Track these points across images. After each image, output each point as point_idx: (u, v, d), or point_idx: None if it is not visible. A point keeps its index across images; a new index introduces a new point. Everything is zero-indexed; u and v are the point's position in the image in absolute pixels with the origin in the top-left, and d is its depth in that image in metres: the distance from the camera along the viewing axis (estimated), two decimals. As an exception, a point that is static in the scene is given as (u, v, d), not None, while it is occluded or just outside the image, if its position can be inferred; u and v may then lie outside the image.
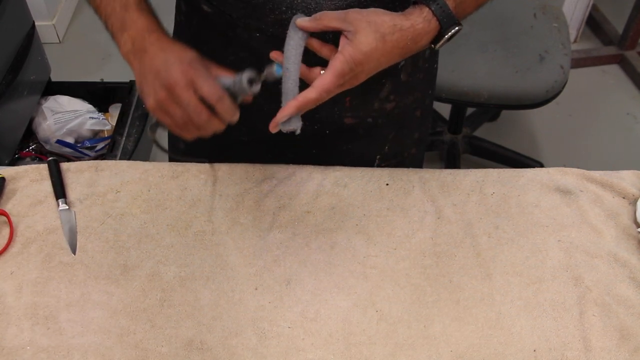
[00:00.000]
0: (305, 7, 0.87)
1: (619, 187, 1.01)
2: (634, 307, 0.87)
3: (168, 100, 0.77)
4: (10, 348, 0.83)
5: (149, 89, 0.79)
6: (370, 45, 0.76)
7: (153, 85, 0.78)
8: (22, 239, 0.95)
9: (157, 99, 0.78)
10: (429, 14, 0.79)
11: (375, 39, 0.76)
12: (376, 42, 0.77)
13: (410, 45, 0.79)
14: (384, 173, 1.04)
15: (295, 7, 0.87)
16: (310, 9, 0.87)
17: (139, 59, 0.80)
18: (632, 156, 2.27)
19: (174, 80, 0.76)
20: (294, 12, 0.87)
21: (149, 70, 0.79)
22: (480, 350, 0.83)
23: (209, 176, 1.03)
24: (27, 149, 2.04)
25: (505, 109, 2.20)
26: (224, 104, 0.77)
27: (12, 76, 1.86)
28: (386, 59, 0.79)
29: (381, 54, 0.78)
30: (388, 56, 0.79)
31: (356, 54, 0.76)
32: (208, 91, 0.76)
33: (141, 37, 0.81)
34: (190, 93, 0.76)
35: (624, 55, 2.59)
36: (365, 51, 0.77)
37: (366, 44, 0.76)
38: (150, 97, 0.79)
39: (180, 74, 0.76)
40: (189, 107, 0.77)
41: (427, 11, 0.79)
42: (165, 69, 0.78)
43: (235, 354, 0.83)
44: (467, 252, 0.94)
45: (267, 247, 0.94)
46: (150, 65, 0.79)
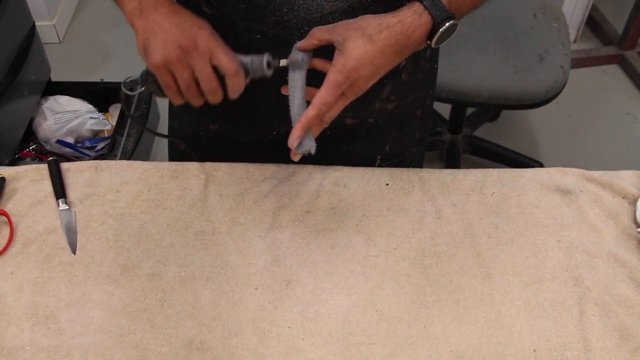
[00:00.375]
0: (307, 8, 0.87)
1: (619, 187, 1.01)
2: (634, 307, 0.87)
3: (179, 60, 0.76)
4: (10, 348, 0.83)
5: (157, 45, 0.76)
6: (359, 49, 0.77)
7: (164, 42, 0.76)
8: (22, 239, 0.95)
9: (167, 56, 0.76)
10: (420, 7, 0.78)
11: (363, 42, 0.76)
12: (365, 45, 0.77)
13: (402, 39, 0.79)
14: (384, 173, 1.04)
15: (297, 8, 0.87)
16: (312, 10, 0.87)
17: (146, 16, 0.78)
18: (632, 156, 2.27)
19: (192, 42, 0.75)
20: (295, 13, 0.87)
21: (160, 28, 0.77)
22: (480, 350, 0.83)
23: (209, 176, 1.03)
24: (27, 149, 2.04)
25: (505, 109, 2.20)
26: (238, 78, 0.77)
27: (12, 76, 1.86)
28: (382, 60, 0.79)
29: (374, 56, 0.77)
30: (382, 56, 0.78)
31: (347, 61, 0.77)
32: (227, 63, 0.76)
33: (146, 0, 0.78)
34: (206, 59, 0.76)
35: (623, 55, 2.59)
36: (356, 57, 0.77)
37: (355, 49, 0.76)
38: (157, 53, 0.76)
39: (205, 40, 0.75)
40: (201, 72, 0.76)
41: (417, 5, 0.79)
42: (183, 29, 0.76)
43: (235, 354, 0.83)
44: (467, 252, 0.94)
45: (267, 247, 0.94)
46: (163, 22, 0.77)
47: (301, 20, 0.88)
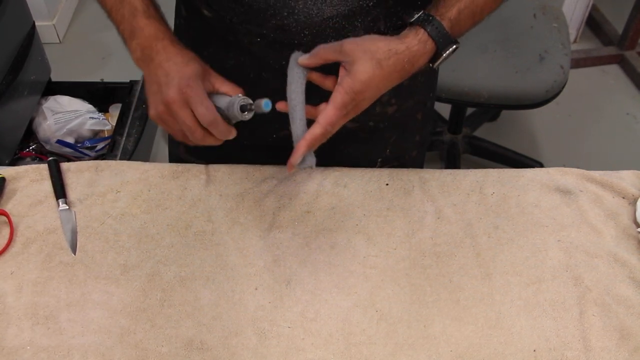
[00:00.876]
0: (307, 12, 0.87)
1: (619, 187, 1.01)
2: (634, 307, 0.87)
3: (167, 114, 0.79)
4: (10, 348, 0.83)
5: (152, 100, 0.81)
6: (367, 73, 0.78)
7: (155, 97, 0.80)
8: (22, 239, 0.95)
9: (157, 111, 0.80)
10: (424, 35, 0.80)
11: (372, 66, 0.78)
12: (373, 70, 0.78)
13: (408, 67, 0.81)
14: (384, 173, 1.04)
15: (297, 12, 0.87)
16: (312, 14, 0.87)
17: (147, 67, 0.82)
18: (632, 156, 2.27)
19: (171, 97, 0.77)
20: (295, 17, 0.87)
21: (153, 81, 0.80)
22: (480, 350, 0.83)
23: (209, 176, 1.03)
24: (27, 149, 2.04)
25: (505, 109, 2.20)
26: (217, 126, 0.78)
27: (12, 76, 1.86)
28: (385, 84, 0.80)
29: (380, 80, 0.79)
30: (387, 81, 0.80)
31: (355, 84, 0.78)
32: (202, 113, 0.77)
33: (149, 45, 0.81)
34: (186, 112, 0.78)
35: (623, 55, 2.59)
36: (364, 80, 0.78)
37: (364, 72, 0.78)
38: (151, 107, 0.81)
39: (177, 93, 0.77)
40: (184, 124, 0.78)
41: (422, 33, 0.80)
42: (165, 82, 0.78)
43: (235, 354, 0.83)
44: (467, 252, 0.94)
45: (267, 247, 0.94)
46: (155, 75, 0.80)
47: (301, 24, 0.88)
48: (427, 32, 0.80)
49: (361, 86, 0.78)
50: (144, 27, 0.82)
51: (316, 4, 0.86)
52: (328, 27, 0.88)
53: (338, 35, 0.88)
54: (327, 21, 0.87)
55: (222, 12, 0.92)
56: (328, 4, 0.86)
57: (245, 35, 0.92)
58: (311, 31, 0.88)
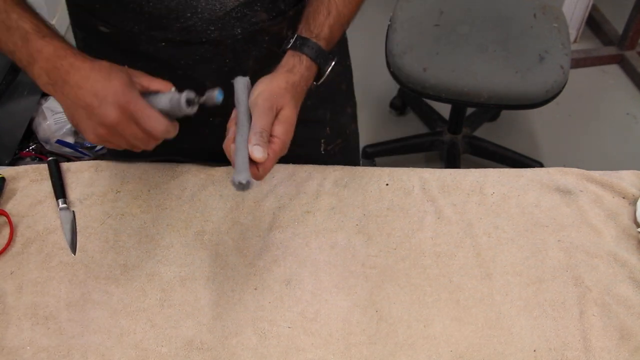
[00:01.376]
0: (210, 9, 0.87)
1: (619, 187, 1.01)
2: (634, 307, 0.87)
3: (111, 134, 0.74)
4: (10, 348, 0.83)
5: (85, 126, 0.74)
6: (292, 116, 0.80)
7: (89, 122, 0.73)
8: (22, 239, 0.95)
9: (98, 134, 0.74)
10: (307, 60, 0.85)
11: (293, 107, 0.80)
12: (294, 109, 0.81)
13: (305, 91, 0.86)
14: (384, 173, 1.04)
15: (201, 11, 0.87)
16: (216, 10, 0.87)
17: (61, 91, 0.74)
18: (632, 156, 2.27)
19: (113, 119, 0.72)
20: (199, 16, 0.87)
21: (78, 105, 0.73)
22: (480, 350, 0.83)
23: (209, 176, 1.03)
24: (27, 149, 2.04)
25: (505, 109, 2.20)
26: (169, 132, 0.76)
27: (12, 76, 1.86)
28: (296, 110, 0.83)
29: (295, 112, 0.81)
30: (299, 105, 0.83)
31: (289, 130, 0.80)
32: (153, 127, 0.74)
33: (53, 67, 0.74)
34: (134, 128, 0.73)
35: (623, 55, 2.59)
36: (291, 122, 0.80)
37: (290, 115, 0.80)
38: (88, 132, 0.74)
39: (118, 112, 0.72)
40: (135, 139, 0.74)
41: (305, 58, 0.85)
42: (98, 104, 0.72)
43: (235, 354, 0.83)
44: (467, 252, 0.94)
45: (267, 247, 0.94)
46: (77, 99, 0.73)
47: (206, 21, 0.88)
48: (309, 57, 0.85)
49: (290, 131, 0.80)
50: (42, 48, 0.74)
51: None
52: (232, 18, 0.89)
53: (242, 23, 0.90)
54: (230, 13, 0.88)
55: (120, 26, 0.90)
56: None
57: (149, 44, 0.91)
58: (216, 26, 0.89)
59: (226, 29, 0.90)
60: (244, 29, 0.89)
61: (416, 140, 2.25)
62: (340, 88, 1.12)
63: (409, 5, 1.87)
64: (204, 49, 0.92)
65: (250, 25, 0.91)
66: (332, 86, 1.08)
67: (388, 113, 2.45)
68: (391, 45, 1.76)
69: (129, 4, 0.87)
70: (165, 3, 0.86)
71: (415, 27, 1.80)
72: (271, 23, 0.92)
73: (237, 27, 0.90)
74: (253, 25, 0.91)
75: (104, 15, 0.90)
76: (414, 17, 1.83)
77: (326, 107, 1.10)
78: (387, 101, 2.44)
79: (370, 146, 2.22)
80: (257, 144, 0.75)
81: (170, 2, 0.86)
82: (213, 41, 0.91)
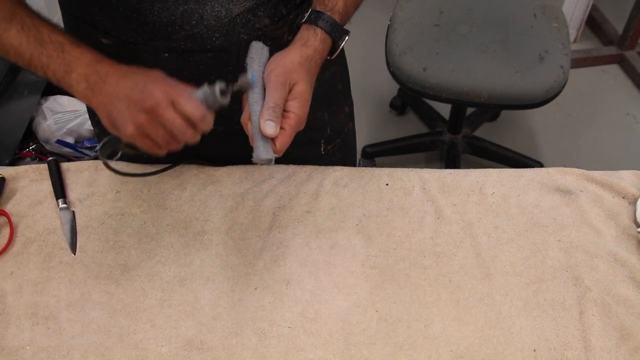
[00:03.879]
0: (216, 15, 0.87)
1: (619, 187, 1.01)
2: (634, 307, 0.87)
3: (150, 122, 0.75)
4: (10, 348, 0.83)
5: (123, 117, 0.75)
6: (307, 90, 0.81)
7: (128, 112, 0.75)
8: (22, 239, 0.95)
9: (137, 124, 0.75)
10: (322, 33, 0.85)
11: (307, 82, 0.81)
12: (308, 84, 0.81)
13: (320, 64, 0.86)
14: (384, 173, 1.04)
15: (206, 18, 0.86)
16: (221, 16, 0.87)
17: (99, 92, 0.77)
18: (632, 156, 2.27)
19: (155, 101, 0.74)
20: (205, 23, 0.87)
21: (117, 99, 0.76)
22: (480, 350, 0.83)
23: (209, 176, 1.03)
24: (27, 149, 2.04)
25: (505, 109, 2.20)
26: (205, 119, 0.77)
27: (12, 76, 1.86)
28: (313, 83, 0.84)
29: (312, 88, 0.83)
30: (314, 80, 0.85)
31: (303, 108, 0.80)
32: (192, 110, 0.75)
33: (93, 71, 0.78)
34: (173, 112, 0.75)
35: (623, 55, 2.59)
36: (307, 97, 0.81)
37: (305, 90, 0.81)
38: (127, 124, 0.75)
39: (162, 94, 0.74)
40: (173, 126, 0.75)
41: (320, 31, 0.85)
42: (140, 91, 0.75)
43: (235, 354, 0.83)
44: (467, 252, 0.94)
45: (267, 247, 0.94)
46: (117, 93, 0.76)
47: (211, 28, 0.88)
48: (323, 30, 0.85)
49: (305, 105, 0.81)
50: (80, 55, 0.79)
51: (224, 5, 0.86)
52: (236, 24, 0.89)
53: (246, 29, 0.90)
54: (235, 19, 0.88)
55: (123, 37, 0.89)
56: (235, 2, 0.87)
57: (152, 55, 0.90)
58: (221, 33, 0.89)
59: (230, 35, 0.90)
60: (249, 35, 0.89)
61: (416, 140, 2.26)
62: (337, 88, 1.12)
63: (409, 5, 1.87)
64: (208, 57, 0.91)
65: (254, 31, 0.90)
66: (329, 87, 1.09)
67: (388, 113, 2.45)
68: (391, 45, 1.76)
69: (132, 14, 0.86)
70: (171, 11, 0.85)
71: (415, 27, 1.80)
72: (273, 28, 0.92)
73: (242, 33, 0.90)
74: (257, 31, 0.91)
75: (106, 26, 0.89)
76: (414, 17, 1.83)
77: (324, 108, 1.10)
78: (387, 101, 2.44)
79: (370, 146, 2.22)
80: (269, 119, 0.77)
81: (176, 10, 0.85)
82: (217, 48, 0.90)
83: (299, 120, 0.80)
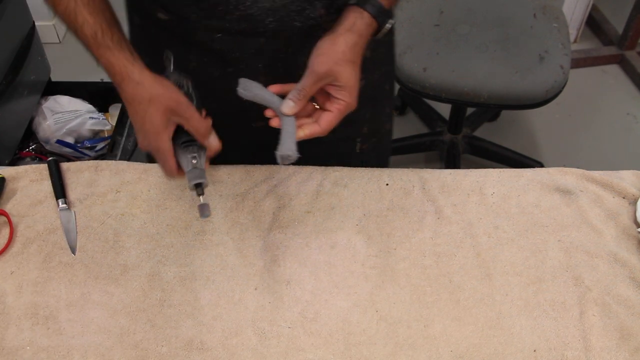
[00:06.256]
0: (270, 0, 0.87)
1: (619, 187, 1.01)
2: (634, 307, 0.87)
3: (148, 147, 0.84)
4: (10, 348, 0.83)
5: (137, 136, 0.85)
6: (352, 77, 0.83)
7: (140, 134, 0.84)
8: (22, 239, 0.95)
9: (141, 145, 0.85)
10: (368, 17, 0.85)
11: (352, 69, 0.83)
12: (353, 71, 0.83)
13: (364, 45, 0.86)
14: (384, 173, 1.04)
15: (261, 1, 0.87)
16: (275, 0, 0.87)
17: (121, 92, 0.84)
18: (632, 156, 2.27)
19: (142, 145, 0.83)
20: (259, 5, 0.87)
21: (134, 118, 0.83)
22: (480, 350, 0.83)
23: (209, 176, 1.03)
24: (27, 149, 2.04)
25: (505, 109, 2.20)
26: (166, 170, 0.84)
27: (12, 76, 1.86)
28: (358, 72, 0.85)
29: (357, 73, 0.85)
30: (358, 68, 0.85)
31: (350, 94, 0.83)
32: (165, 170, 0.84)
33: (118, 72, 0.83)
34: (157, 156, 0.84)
35: (624, 55, 2.59)
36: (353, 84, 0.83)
37: (349, 79, 0.83)
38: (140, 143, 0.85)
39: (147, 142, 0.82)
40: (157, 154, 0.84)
41: (366, 15, 0.85)
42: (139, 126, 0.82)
43: (235, 354, 0.83)
44: (467, 252, 0.94)
45: (267, 247, 0.94)
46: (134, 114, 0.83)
47: (265, 11, 0.88)
48: (370, 14, 0.85)
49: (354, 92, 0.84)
50: (99, 58, 0.85)
51: None
52: (291, 11, 0.89)
53: (300, 17, 0.90)
54: (290, 5, 0.88)
55: (180, 13, 0.91)
56: None
57: (205, 33, 0.91)
58: (275, 17, 0.89)
59: (284, 21, 0.90)
60: (302, 23, 0.90)
61: (416, 140, 2.25)
62: (384, 88, 1.12)
63: (409, 5, 1.87)
64: (260, 41, 0.92)
65: (308, 19, 0.91)
66: (377, 87, 1.08)
67: (388, 113, 2.45)
68: (391, 45, 1.76)
69: None
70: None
71: (415, 27, 1.80)
72: (328, 19, 0.91)
73: (295, 20, 0.90)
74: (310, 20, 0.91)
75: (165, 1, 0.91)
76: (414, 17, 1.83)
77: (368, 107, 1.09)
78: (387, 101, 2.44)
79: (370, 146, 2.22)
80: (290, 98, 0.82)
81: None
82: (270, 32, 0.90)
83: (347, 106, 0.84)
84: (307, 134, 0.83)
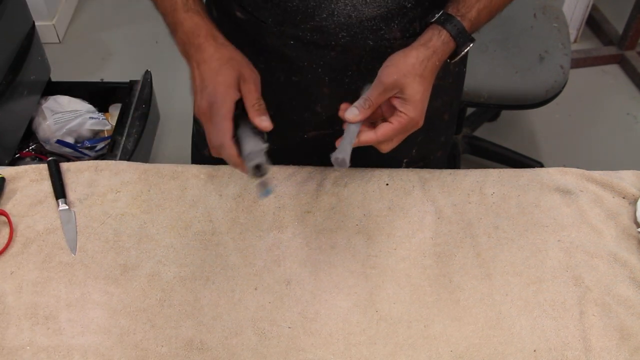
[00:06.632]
0: (347, 14, 0.87)
1: (619, 187, 1.01)
2: (634, 307, 0.87)
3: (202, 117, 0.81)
4: (10, 348, 0.83)
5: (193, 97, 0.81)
6: (419, 93, 0.80)
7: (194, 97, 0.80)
8: (22, 239, 0.95)
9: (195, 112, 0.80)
10: (447, 35, 0.83)
11: (419, 83, 0.80)
12: (420, 85, 0.80)
13: (439, 65, 0.84)
14: (384, 173, 1.04)
15: (337, 14, 0.87)
16: (352, 16, 0.87)
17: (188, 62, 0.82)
18: (632, 156, 2.27)
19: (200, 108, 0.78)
20: (334, 19, 0.87)
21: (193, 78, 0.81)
22: (480, 350, 0.83)
23: (209, 176, 1.03)
24: (27, 149, 2.04)
25: (505, 109, 2.20)
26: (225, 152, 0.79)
27: (12, 76, 1.86)
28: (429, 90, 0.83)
29: (426, 89, 0.81)
30: (430, 86, 0.83)
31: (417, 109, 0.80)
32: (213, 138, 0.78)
33: (187, 41, 0.82)
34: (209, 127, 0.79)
35: (624, 55, 2.59)
36: (419, 99, 0.80)
37: (416, 93, 0.80)
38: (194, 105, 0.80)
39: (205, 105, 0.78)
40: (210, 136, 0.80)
41: (445, 33, 0.83)
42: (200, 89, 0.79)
43: (235, 354, 0.83)
44: (467, 252, 0.94)
45: (267, 247, 0.94)
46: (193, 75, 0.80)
47: (340, 25, 0.88)
48: (449, 33, 0.83)
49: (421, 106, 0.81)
50: (183, 21, 0.82)
51: (356, 6, 0.87)
52: (365, 28, 0.89)
53: (375, 36, 0.89)
54: (365, 22, 0.88)
55: (256, 14, 0.91)
56: (368, 5, 0.87)
57: (278, 38, 0.92)
58: (349, 32, 0.89)
59: (357, 37, 0.89)
60: (375, 42, 0.89)
61: (416, 140, 2.25)
62: (442, 118, 1.10)
63: (409, 5, 1.87)
64: (330, 54, 0.91)
65: (382, 40, 0.90)
66: (435, 115, 1.06)
67: (388, 113, 2.45)
68: (391, 45, 1.76)
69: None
70: (305, 1, 0.86)
71: (415, 27, 1.80)
72: (402, 42, 0.90)
73: (369, 39, 0.89)
74: (384, 40, 0.90)
75: (244, 1, 0.91)
76: (414, 17, 1.83)
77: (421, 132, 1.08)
78: (387, 101, 2.44)
79: (370, 146, 2.21)
80: (354, 106, 0.80)
81: (310, 1, 0.86)
82: (341, 47, 0.90)
83: (410, 121, 0.80)
84: (360, 140, 0.81)
